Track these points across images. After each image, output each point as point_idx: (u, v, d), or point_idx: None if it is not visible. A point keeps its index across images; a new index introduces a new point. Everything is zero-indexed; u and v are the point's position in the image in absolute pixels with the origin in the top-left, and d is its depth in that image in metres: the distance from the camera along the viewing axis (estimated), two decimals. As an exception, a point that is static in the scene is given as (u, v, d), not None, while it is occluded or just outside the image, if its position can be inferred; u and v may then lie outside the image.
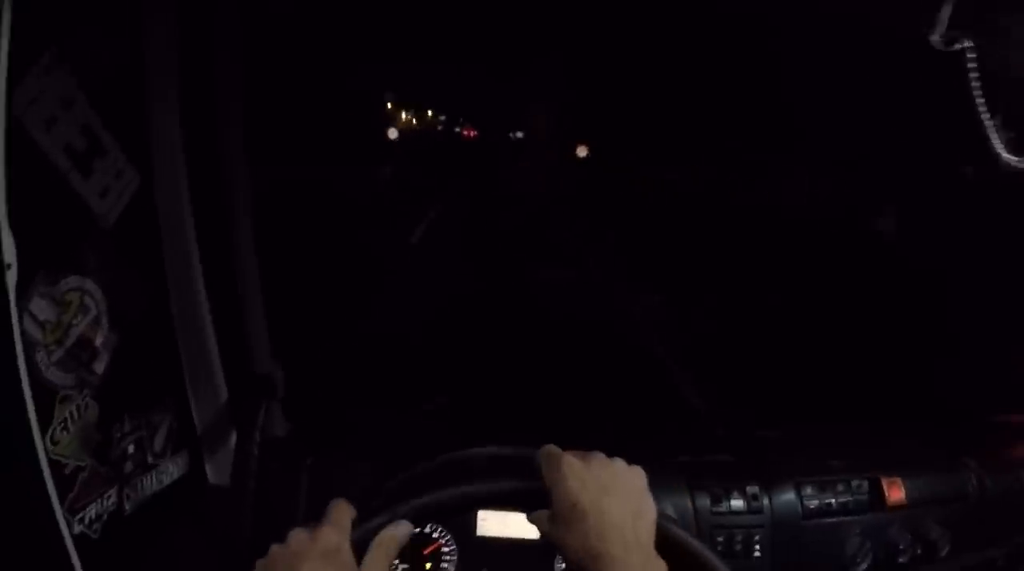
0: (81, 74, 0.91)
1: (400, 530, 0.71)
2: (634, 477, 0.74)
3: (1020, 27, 1.03)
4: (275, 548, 0.67)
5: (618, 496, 0.70)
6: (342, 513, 0.71)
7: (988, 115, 0.94)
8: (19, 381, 0.77)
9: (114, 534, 0.96)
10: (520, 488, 0.75)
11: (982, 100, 0.94)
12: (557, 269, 7.41)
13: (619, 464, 0.74)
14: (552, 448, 0.75)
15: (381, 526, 0.71)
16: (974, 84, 0.93)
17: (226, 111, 1.07)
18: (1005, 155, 0.97)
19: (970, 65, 0.92)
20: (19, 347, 0.77)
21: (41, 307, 0.87)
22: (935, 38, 0.90)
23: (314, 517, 0.73)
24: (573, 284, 6.88)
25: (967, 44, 0.91)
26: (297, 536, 0.67)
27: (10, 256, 0.79)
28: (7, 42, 0.78)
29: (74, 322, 0.92)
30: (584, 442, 0.80)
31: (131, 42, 1.00)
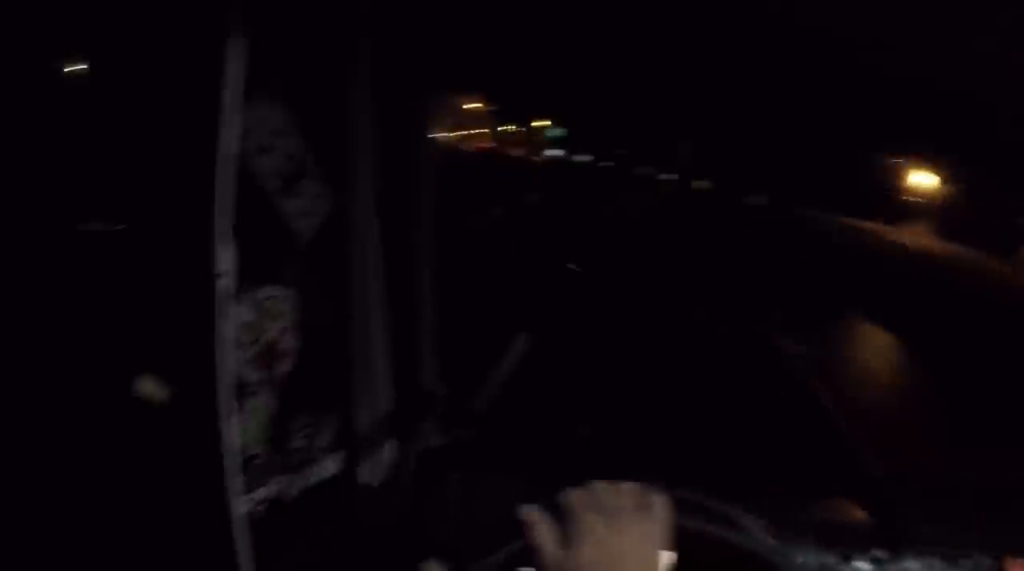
0: (294, 106, 1.04)
1: None
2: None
3: None
4: None
5: None
6: None
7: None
8: (221, 374, 0.91)
9: (276, 516, 1.08)
10: None
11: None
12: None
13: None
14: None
15: None
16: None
17: (414, 143, 1.17)
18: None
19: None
20: (225, 345, 0.90)
21: (243, 311, 1.00)
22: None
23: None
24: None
25: None
26: None
27: (226, 265, 0.93)
28: (242, 74, 0.91)
29: (267, 327, 1.05)
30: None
31: (336, 79, 1.13)
